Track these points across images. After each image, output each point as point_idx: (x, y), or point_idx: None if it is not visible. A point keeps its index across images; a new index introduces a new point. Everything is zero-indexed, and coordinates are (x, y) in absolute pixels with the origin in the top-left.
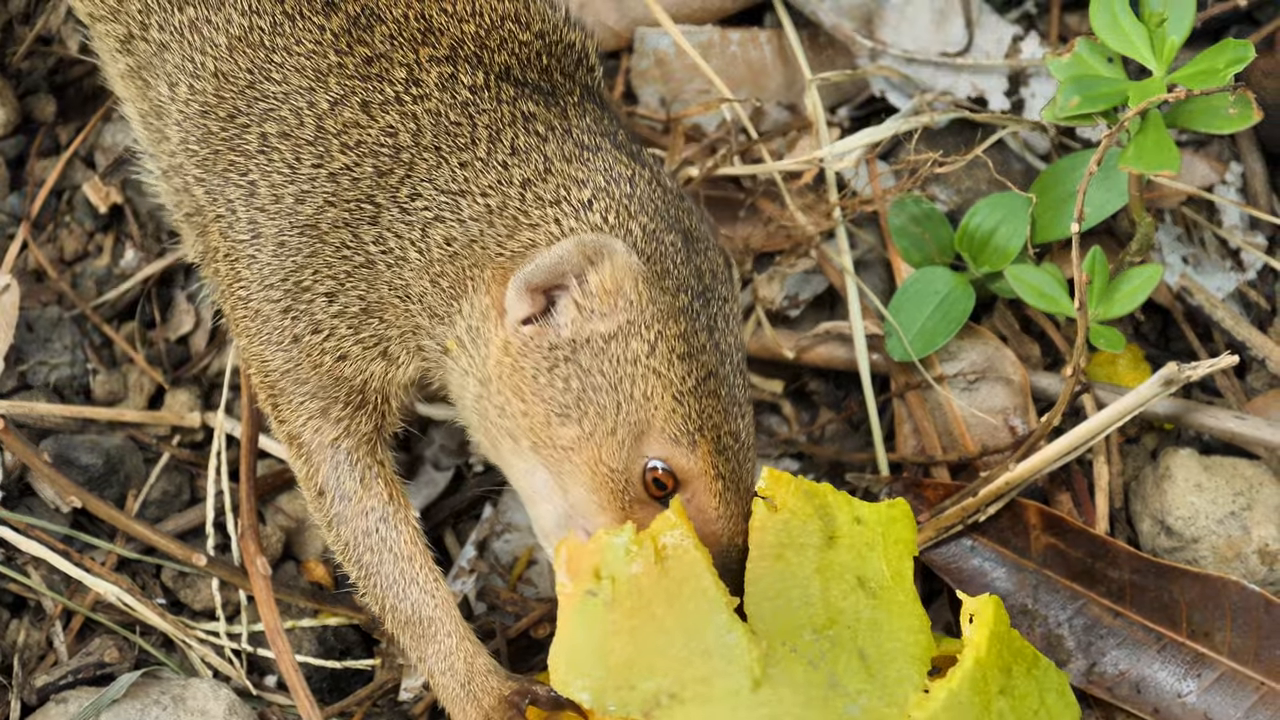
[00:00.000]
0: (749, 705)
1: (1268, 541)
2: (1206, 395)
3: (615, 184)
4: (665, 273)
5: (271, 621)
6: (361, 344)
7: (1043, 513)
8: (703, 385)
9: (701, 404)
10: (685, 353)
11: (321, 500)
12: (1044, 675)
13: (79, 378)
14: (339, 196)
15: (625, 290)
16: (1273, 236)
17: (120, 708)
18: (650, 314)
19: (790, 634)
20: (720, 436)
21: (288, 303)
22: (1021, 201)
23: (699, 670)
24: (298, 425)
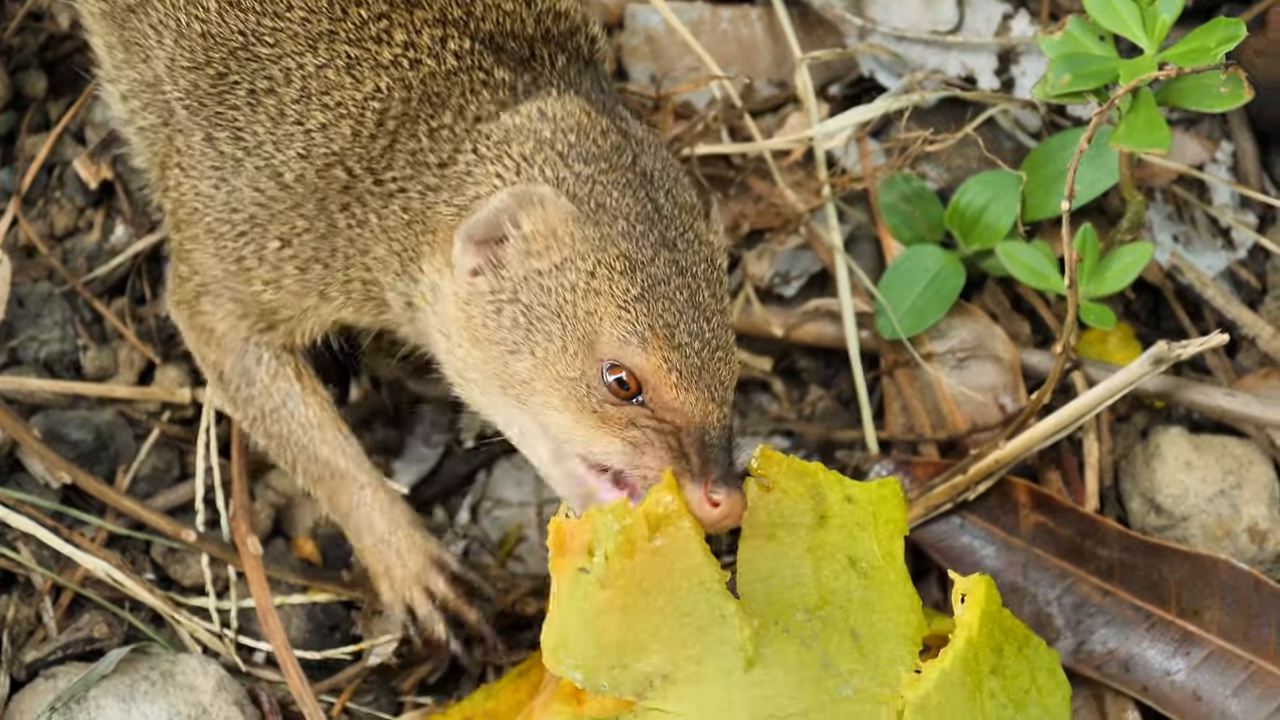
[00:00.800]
0: (742, 685)
1: (1257, 520)
2: (1197, 374)
3: (560, 136)
4: (602, 207)
5: (263, 600)
6: (302, 284)
7: (1032, 491)
8: (651, 292)
9: (650, 307)
10: (627, 268)
11: (223, 382)
12: (1035, 654)
13: (69, 353)
14: (318, 158)
15: (558, 231)
16: (1263, 215)
17: (109, 683)
18: (586, 246)
19: (782, 614)
20: (674, 334)
21: (244, 228)
22: (1012, 179)
23: (692, 650)
24: (215, 319)
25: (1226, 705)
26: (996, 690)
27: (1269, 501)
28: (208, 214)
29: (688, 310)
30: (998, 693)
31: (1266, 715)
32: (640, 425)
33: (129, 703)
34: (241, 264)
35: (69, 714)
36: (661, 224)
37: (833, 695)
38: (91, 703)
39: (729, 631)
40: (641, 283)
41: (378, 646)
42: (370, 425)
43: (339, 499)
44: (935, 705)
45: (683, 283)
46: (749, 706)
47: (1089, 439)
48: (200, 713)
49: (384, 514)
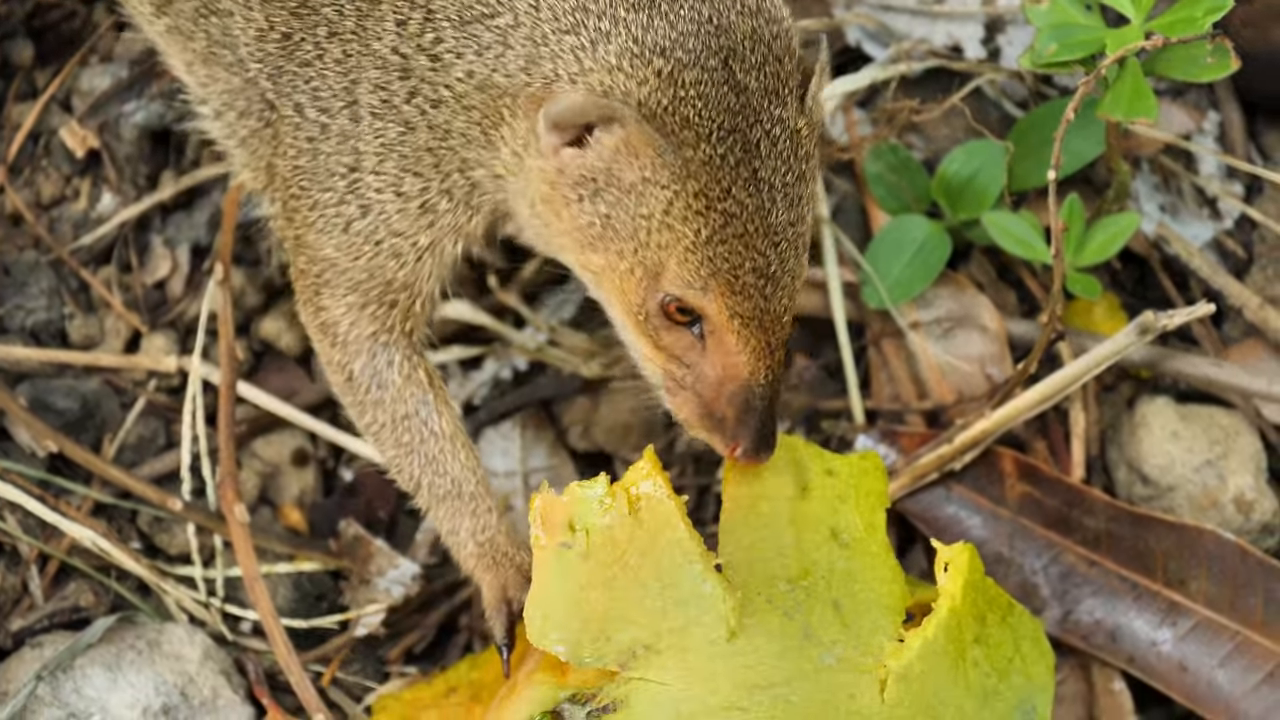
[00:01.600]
0: (725, 655)
1: (1244, 490)
2: (1183, 344)
3: (634, 11)
4: (686, 123)
5: (250, 569)
6: (404, 213)
7: (1018, 461)
8: (720, 233)
9: (716, 250)
10: (703, 208)
11: (352, 385)
12: (1018, 623)
13: (55, 322)
14: (373, 61)
15: (639, 154)
16: (1250, 185)
17: (96, 652)
18: (666, 175)
19: (765, 585)
20: (738, 277)
21: (343, 188)
22: (998, 149)
23: (675, 621)
24: (337, 313)
25: (1213, 675)
26: (980, 659)
27: (1255, 472)
28: (311, 190)
29: (758, 240)
30: (981, 661)
31: (1253, 685)
32: (688, 362)
33: (115, 671)
34: (349, 229)
35: (55, 682)
36: (745, 126)
37: (815, 665)
38: (78, 671)
39: (711, 603)
40: (714, 222)
41: (365, 617)
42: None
43: (460, 520)
44: (918, 674)
45: (758, 204)
46: (732, 676)
47: (1075, 409)
48: (187, 682)
49: (509, 538)
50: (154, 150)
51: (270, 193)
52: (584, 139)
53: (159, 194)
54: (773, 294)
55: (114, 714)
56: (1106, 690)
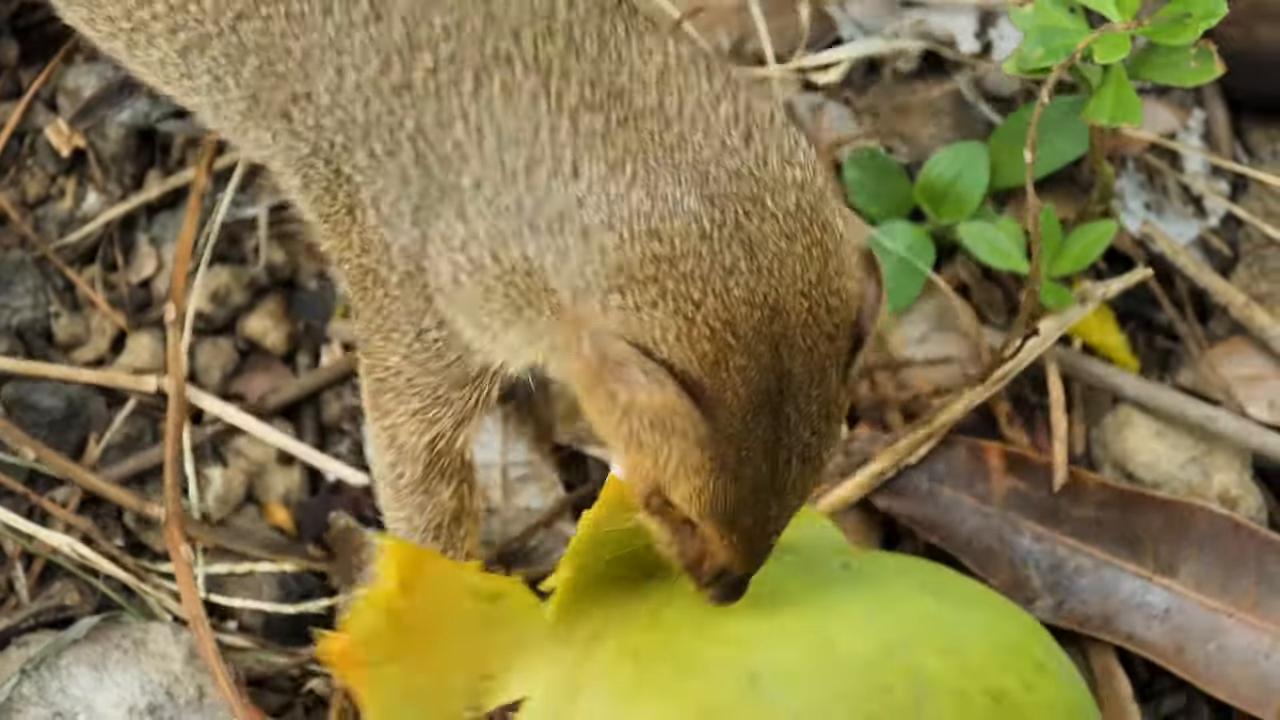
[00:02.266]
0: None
1: (1229, 487)
2: (1168, 341)
3: (686, 283)
4: (721, 402)
5: (194, 610)
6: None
7: (1005, 454)
8: (726, 489)
9: (720, 499)
10: (716, 468)
11: (397, 487)
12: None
13: (41, 321)
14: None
15: (671, 420)
16: (1235, 183)
17: (81, 651)
18: (690, 437)
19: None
20: (736, 521)
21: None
22: (982, 151)
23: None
24: (398, 420)
25: (1211, 656)
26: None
27: (1240, 468)
28: (372, 272)
29: (763, 495)
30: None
31: (1248, 665)
32: (679, 531)
33: (101, 671)
34: (415, 345)
35: (40, 681)
36: (779, 404)
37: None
38: (63, 671)
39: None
40: (723, 480)
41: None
42: (339, 390)
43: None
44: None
45: (772, 467)
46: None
47: (1056, 410)
48: (172, 681)
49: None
50: (140, 149)
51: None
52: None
53: (145, 193)
54: (772, 528)
55: (99, 713)
56: (1107, 675)
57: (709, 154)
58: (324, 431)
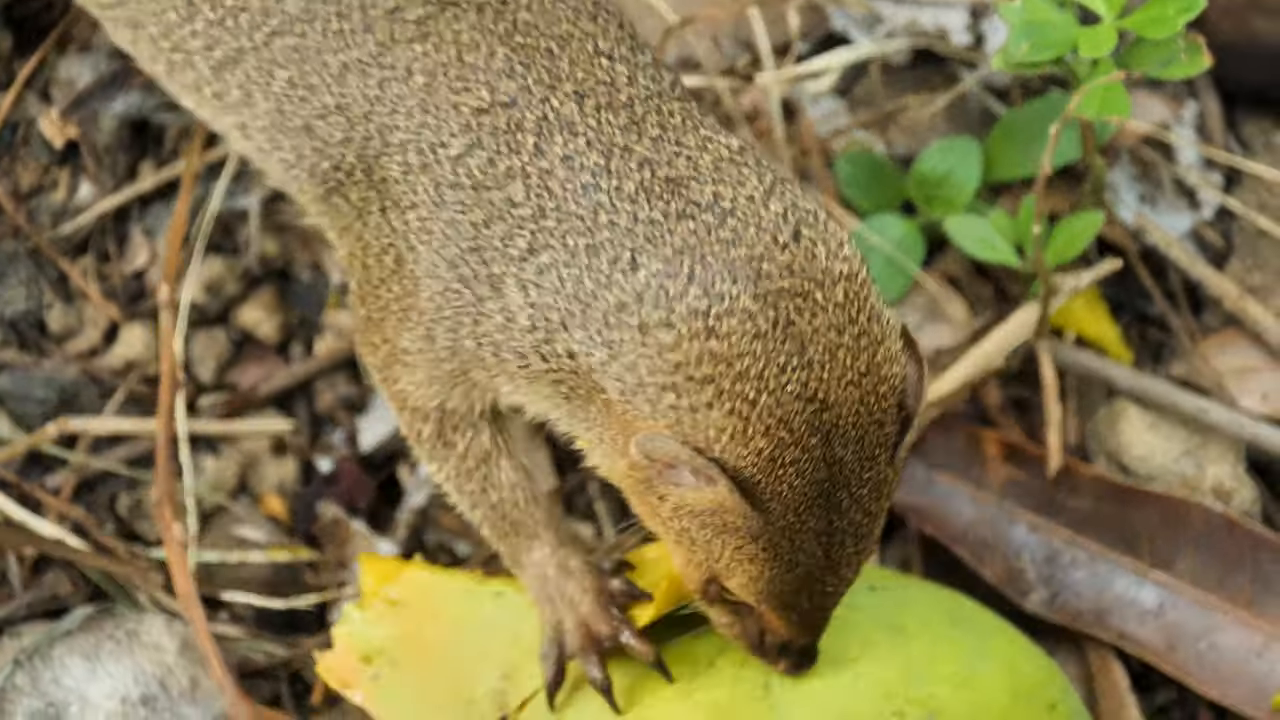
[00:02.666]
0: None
1: (1223, 479)
2: (1161, 333)
3: (740, 382)
4: (777, 496)
5: (186, 589)
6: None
7: (1003, 443)
8: (782, 576)
9: (775, 585)
10: (771, 558)
11: (421, 441)
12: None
13: (34, 312)
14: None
15: (725, 518)
16: (1229, 175)
17: (74, 642)
18: (744, 531)
19: None
20: (793, 605)
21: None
22: (974, 146)
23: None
24: (407, 388)
25: (1203, 654)
26: None
27: (1234, 461)
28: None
29: (820, 575)
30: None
31: (1242, 663)
32: (739, 612)
33: (94, 661)
34: (431, 337)
35: (34, 672)
36: (832, 490)
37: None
38: (57, 661)
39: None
40: (778, 568)
41: (343, 605)
42: (333, 380)
43: (519, 555)
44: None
45: (825, 550)
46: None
47: (1050, 401)
48: (165, 672)
49: (559, 569)
50: (133, 140)
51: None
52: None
53: (138, 185)
54: (830, 603)
55: (93, 704)
56: (1103, 670)
57: (761, 250)
58: (317, 422)
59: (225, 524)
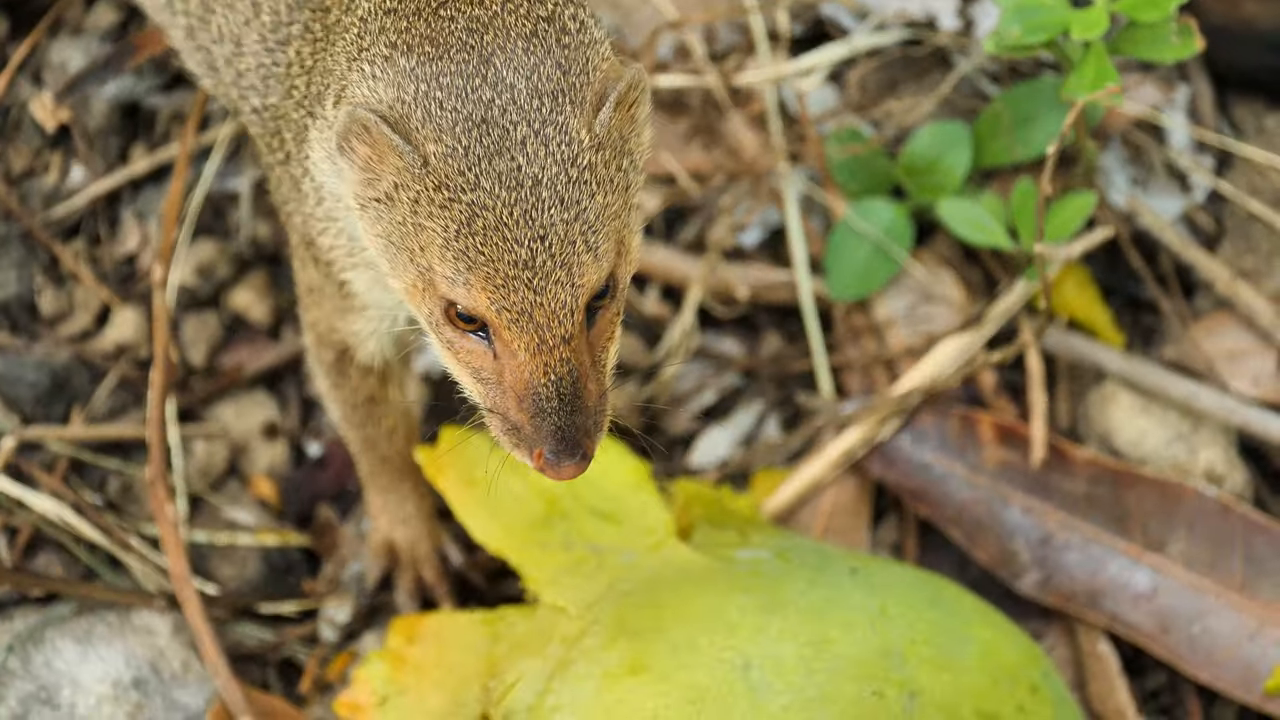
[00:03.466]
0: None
1: (1214, 464)
2: (1152, 316)
3: (391, 17)
4: (428, 116)
5: (179, 569)
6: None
7: (997, 425)
8: (470, 225)
9: (469, 242)
10: (447, 200)
11: (319, 364)
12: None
13: (26, 295)
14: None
15: (384, 158)
16: (1221, 159)
17: (66, 625)
18: (407, 175)
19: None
20: (497, 270)
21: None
22: (964, 130)
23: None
24: (310, 320)
25: (1195, 638)
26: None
27: (1225, 445)
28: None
29: (517, 232)
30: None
31: (1234, 646)
32: (486, 375)
33: (86, 645)
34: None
35: (25, 655)
36: (505, 121)
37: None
38: (48, 645)
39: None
40: (461, 214)
41: (331, 614)
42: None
43: (377, 479)
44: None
45: (517, 197)
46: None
47: (1035, 388)
48: (157, 655)
49: (416, 505)
50: (125, 124)
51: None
52: (351, 175)
53: (130, 168)
54: (544, 288)
55: (84, 687)
56: (1093, 653)
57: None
58: (307, 405)
59: (214, 507)
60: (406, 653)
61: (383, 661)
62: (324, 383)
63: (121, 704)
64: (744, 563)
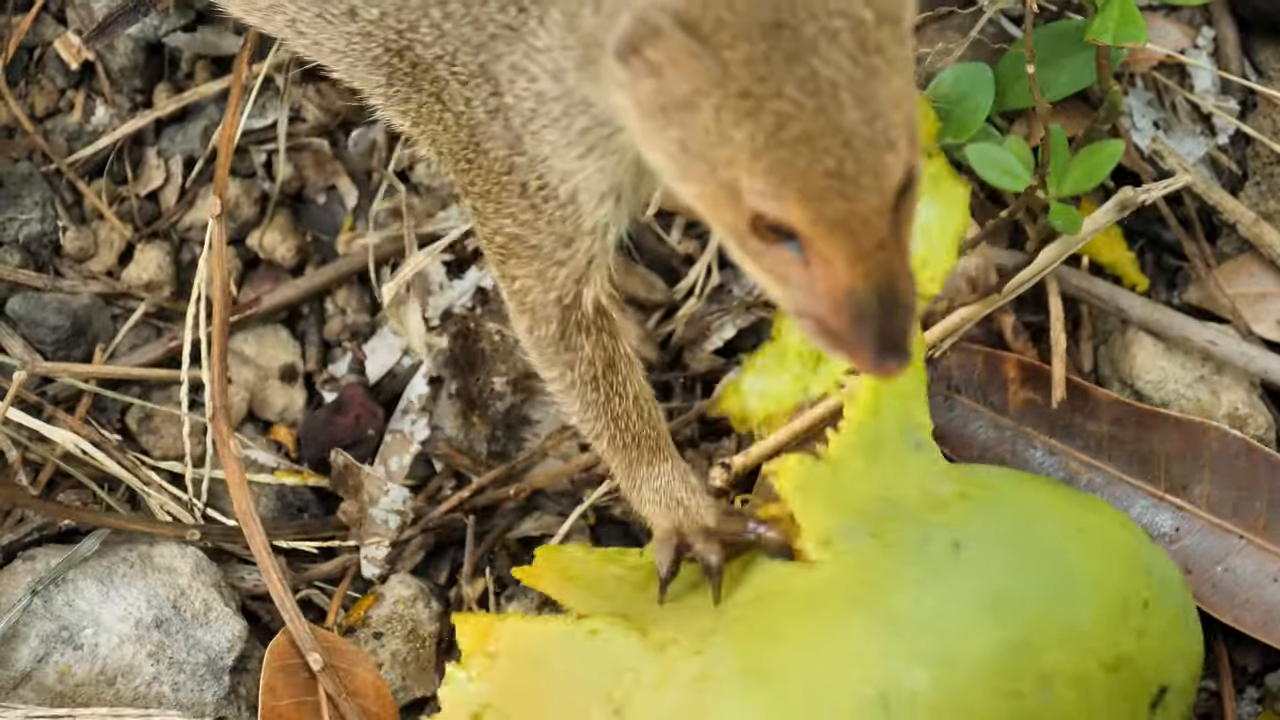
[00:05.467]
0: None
1: (1237, 405)
2: (1176, 259)
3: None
4: (721, 22)
5: (244, 505)
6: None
7: (1021, 364)
8: (777, 135)
9: (778, 155)
10: (752, 108)
11: (540, 346)
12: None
13: (49, 234)
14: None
15: (680, 64)
16: (1244, 101)
17: (88, 565)
18: (707, 81)
19: None
20: (810, 181)
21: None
22: (987, 72)
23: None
24: (527, 283)
25: (1218, 579)
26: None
27: (1248, 388)
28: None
29: (825, 140)
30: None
31: (1257, 588)
32: (796, 282)
33: (107, 585)
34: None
35: (47, 596)
36: (795, 21)
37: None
38: (70, 585)
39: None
40: (768, 124)
41: (368, 551)
42: (342, 307)
43: (638, 469)
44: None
45: (819, 104)
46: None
47: (1057, 335)
48: (179, 595)
49: (683, 483)
50: (148, 64)
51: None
52: (643, 82)
53: (155, 110)
54: (855, 195)
55: (106, 627)
56: None
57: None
58: (327, 347)
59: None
60: (494, 669)
61: (468, 678)
62: (553, 370)
63: (144, 644)
64: (844, 556)
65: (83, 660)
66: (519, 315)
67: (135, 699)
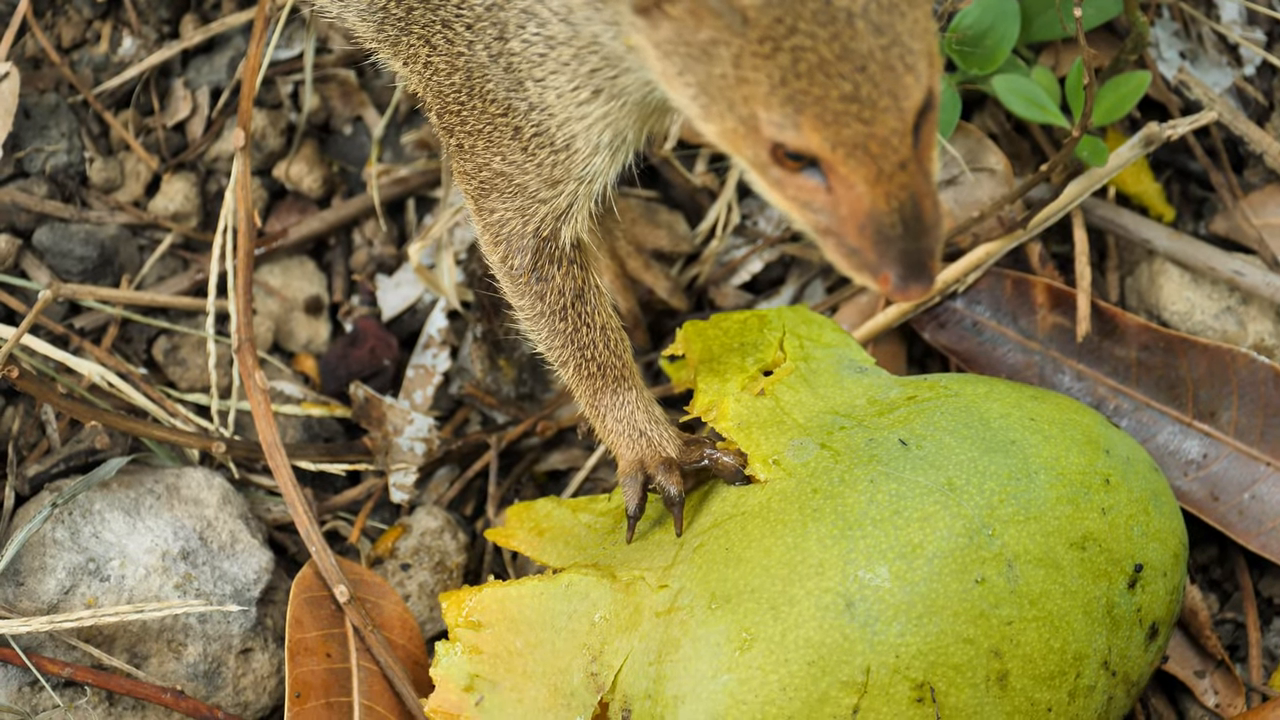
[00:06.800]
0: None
1: (1263, 336)
2: (1202, 190)
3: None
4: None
5: (269, 437)
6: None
7: (1050, 288)
8: (794, 69)
9: (795, 86)
10: (770, 50)
11: (513, 276)
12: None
13: (76, 165)
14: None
15: (699, 13)
16: (1271, 32)
17: (114, 497)
18: (726, 30)
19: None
20: (826, 106)
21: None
22: (1013, 3)
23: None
24: (505, 215)
25: (1244, 505)
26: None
27: (1274, 318)
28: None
29: (839, 66)
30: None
31: None
32: (819, 207)
33: (134, 516)
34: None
35: (73, 526)
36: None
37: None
38: (96, 516)
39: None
40: (784, 61)
41: (396, 477)
42: (369, 239)
43: (602, 397)
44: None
45: (833, 33)
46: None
47: (1082, 267)
48: (205, 526)
49: (646, 413)
50: None
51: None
52: (664, 24)
53: (182, 41)
54: (873, 118)
55: (133, 558)
56: None
57: None
58: (352, 280)
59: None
60: (479, 640)
61: (455, 653)
62: (524, 299)
63: (170, 575)
64: (795, 471)
65: (109, 592)
66: (493, 246)
67: (161, 631)
